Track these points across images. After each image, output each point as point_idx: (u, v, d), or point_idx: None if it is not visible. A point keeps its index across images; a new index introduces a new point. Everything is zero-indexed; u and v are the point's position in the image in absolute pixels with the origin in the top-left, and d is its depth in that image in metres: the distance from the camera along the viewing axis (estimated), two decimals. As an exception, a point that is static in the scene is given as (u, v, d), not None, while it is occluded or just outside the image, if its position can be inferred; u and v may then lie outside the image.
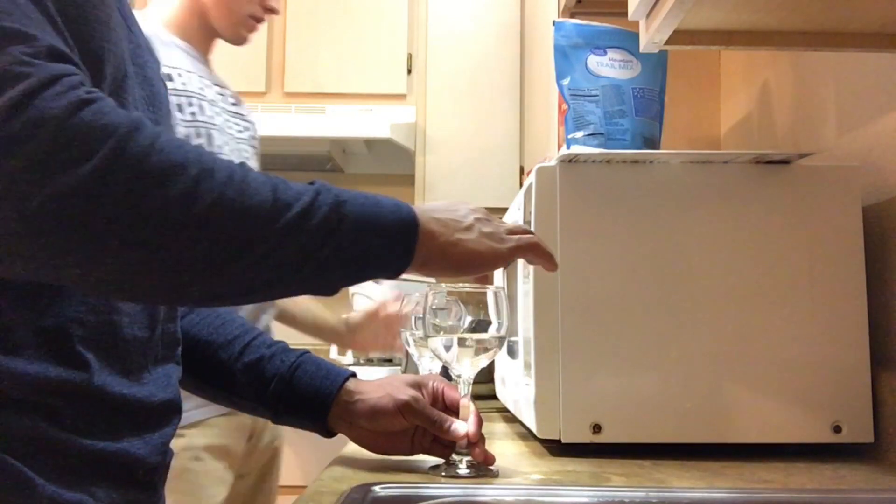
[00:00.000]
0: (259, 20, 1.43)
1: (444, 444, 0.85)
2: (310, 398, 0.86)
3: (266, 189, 0.57)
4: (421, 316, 0.85)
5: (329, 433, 0.88)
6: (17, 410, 0.60)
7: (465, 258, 0.68)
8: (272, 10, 1.43)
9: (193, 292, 0.58)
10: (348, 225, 0.61)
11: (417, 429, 0.85)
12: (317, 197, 0.60)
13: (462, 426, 0.82)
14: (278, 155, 2.56)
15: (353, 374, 0.90)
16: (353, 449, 0.98)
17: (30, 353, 0.61)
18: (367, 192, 0.67)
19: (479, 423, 0.84)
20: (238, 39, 1.43)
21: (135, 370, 0.70)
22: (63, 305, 0.62)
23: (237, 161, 0.60)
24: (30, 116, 0.47)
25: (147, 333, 0.72)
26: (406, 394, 0.85)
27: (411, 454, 0.87)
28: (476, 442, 0.83)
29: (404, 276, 0.67)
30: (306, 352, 0.91)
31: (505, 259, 0.71)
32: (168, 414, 0.75)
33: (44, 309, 0.61)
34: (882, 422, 0.95)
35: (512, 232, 0.73)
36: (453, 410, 0.85)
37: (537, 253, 0.74)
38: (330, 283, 0.62)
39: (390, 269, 0.66)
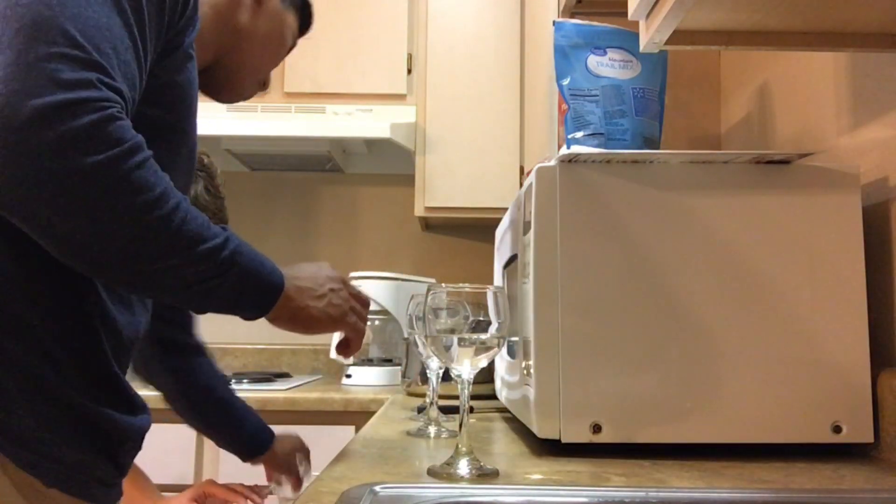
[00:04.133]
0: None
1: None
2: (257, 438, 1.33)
3: (196, 224, 0.73)
4: (421, 316, 0.85)
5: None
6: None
7: (308, 322, 0.86)
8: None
9: (121, 273, 0.72)
10: (235, 271, 0.77)
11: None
12: (225, 242, 0.76)
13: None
14: (278, 155, 2.55)
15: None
16: (353, 449, 0.98)
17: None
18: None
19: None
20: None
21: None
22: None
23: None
24: (76, 111, 0.65)
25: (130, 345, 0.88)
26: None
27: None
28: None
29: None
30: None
31: (338, 329, 0.90)
32: (142, 402, 0.90)
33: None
34: (882, 422, 0.95)
35: (354, 309, 0.92)
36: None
37: (355, 338, 0.94)
38: (204, 305, 0.78)
39: (249, 314, 0.82)
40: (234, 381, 2.29)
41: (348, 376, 2.35)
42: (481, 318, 0.81)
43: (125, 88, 0.71)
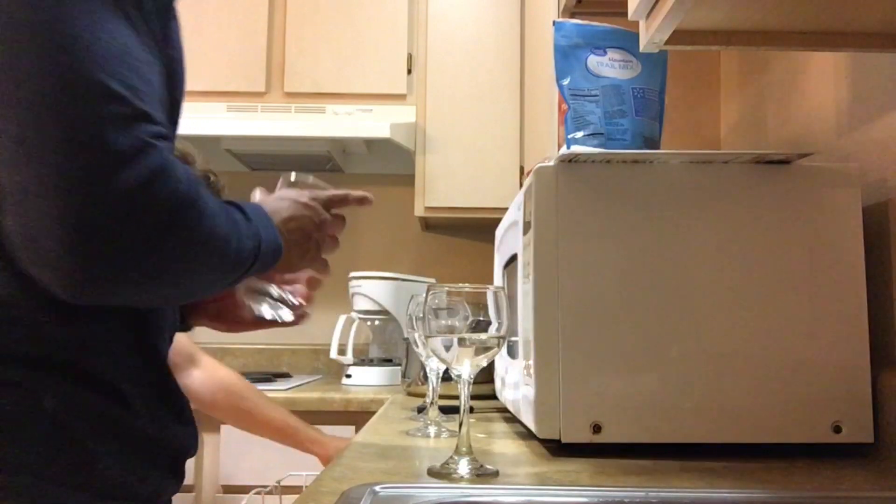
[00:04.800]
0: None
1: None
2: None
3: (233, 241, 0.73)
4: (421, 316, 0.85)
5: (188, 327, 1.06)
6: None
7: (286, 270, 0.95)
8: None
9: (189, 296, 0.77)
10: (258, 260, 0.78)
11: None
12: (258, 245, 0.77)
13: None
14: (278, 155, 2.55)
15: None
16: (352, 449, 0.98)
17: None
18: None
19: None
20: None
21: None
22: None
23: None
24: (153, 191, 0.62)
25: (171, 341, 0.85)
26: None
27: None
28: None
29: None
30: None
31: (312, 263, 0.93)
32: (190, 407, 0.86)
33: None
34: (882, 422, 0.95)
35: (321, 224, 0.92)
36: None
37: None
38: (230, 287, 0.82)
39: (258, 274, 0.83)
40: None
41: (348, 376, 2.35)
42: (481, 318, 0.81)
43: (163, 120, 0.67)
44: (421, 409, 1.41)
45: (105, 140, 0.59)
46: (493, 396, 1.50)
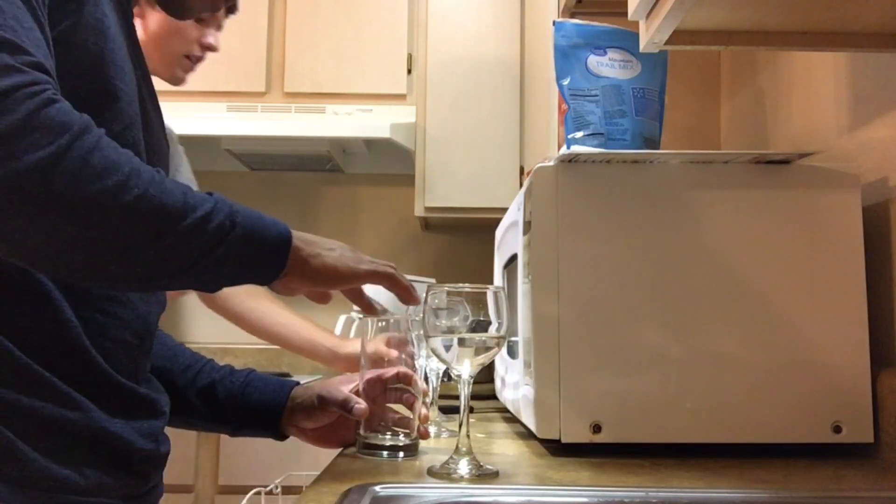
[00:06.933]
0: (197, 60, 1.37)
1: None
2: (262, 411, 0.98)
3: (178, 192, 0.65)
4: (421, 316, 0.85)
5: (283, 437, 1.01)
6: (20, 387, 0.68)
7: (323, 271, 0.75)
8: (210, 48, 1.37)
9: (110, 272, 0.65)
10: (238, 232, 0.68)
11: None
12: (216, 205, 0.67)
13: (364, 405, 0.92)
14: (278, 155, 2.55)
15: (298, 383, 1.01)
16: (353, 449, 0.98)
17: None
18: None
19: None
20: (174, 80, 1.37)
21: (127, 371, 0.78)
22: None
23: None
24: (7, 105, 0.57)
25: (137, 341, 0.80)
26: (323, 389, 0.96)
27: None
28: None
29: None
30: (252, 371, 1.02)
31: (360, 278, 0.78)
32: (154, 405, 0.81)
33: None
34: (882, 422, 0.95)
35: (373, 262, 0.80)
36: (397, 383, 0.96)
37: (393, 282, 0.81)
38: (215, 280, 0.70)
39: (264, 276, 0.72)
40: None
41: (348, 376, 2.34)
42: (481, 318, 0.81)
43: (44, 60, 0.62)
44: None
45: None
46: (493, 396, 1.50)
